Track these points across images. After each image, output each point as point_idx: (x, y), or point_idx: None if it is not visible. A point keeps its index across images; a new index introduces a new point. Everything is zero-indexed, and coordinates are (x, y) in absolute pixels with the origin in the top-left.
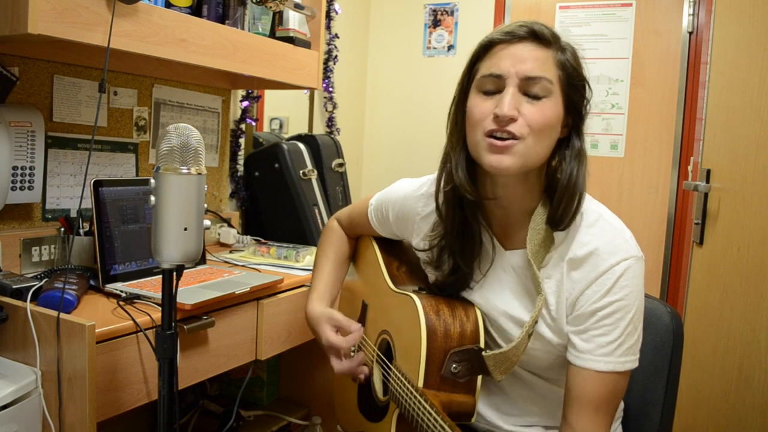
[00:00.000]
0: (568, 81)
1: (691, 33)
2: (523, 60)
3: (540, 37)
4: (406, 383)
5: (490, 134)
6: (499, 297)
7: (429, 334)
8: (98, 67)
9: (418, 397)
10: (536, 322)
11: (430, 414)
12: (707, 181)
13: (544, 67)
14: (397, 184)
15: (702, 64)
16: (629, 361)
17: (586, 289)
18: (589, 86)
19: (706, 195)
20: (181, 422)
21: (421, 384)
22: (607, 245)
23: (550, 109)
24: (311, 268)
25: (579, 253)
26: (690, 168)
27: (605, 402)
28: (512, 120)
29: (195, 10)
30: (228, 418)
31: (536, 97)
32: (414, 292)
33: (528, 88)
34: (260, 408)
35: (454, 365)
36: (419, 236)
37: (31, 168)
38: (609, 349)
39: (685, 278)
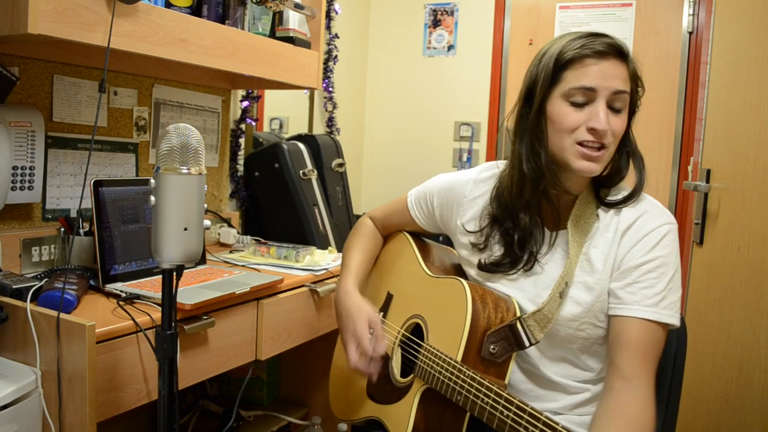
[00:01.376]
0: (635, 90)
1: (691, 33)
2: (612, 76)
3: (622, 54)
4: (442, 356)
5: (582, 143)
6: (546, 274)
7: (473, 313)
8: (98, 67)
9: (457, 365)
10: (566, 283)
11: (473, 379)
12: (707, 181)
13: (626, 82)
14: (437, 177)
15: (702, 64)
16: (672, 316)
17: (633, 246)
18: (643, 86)
19: (706, 195)
20: (181, 422)
21: (459, 359)
22: (652, 210)
23: (626, 118)
24: (311, 268)
25: (628, 221)
26: (690, 168)
27: (651, 349)
28: (605, 132)
29: (195, 10)
30: (228, 418)
31: (619, 110)
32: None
33: (613, 101)
34: (260, 408)
35: (492, 346)
36: (465, 218)
37: (31, 168)
38: (654, 300)
39: (685, 278)
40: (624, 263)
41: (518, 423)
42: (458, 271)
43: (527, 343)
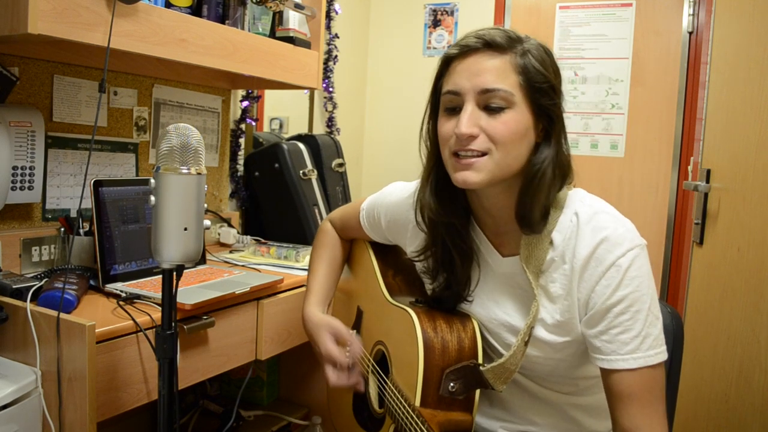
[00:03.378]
0: (530, 85)
1: (691, 33)
2: (478, 73)
3: (493, 45)
4: (402, 401)
5: (456, 153)
6: (500, 306)
7: (426, 351)
8: (98, 67)
9: (415, 417)
10: (532, 328)
11: None
12: (707, 181)
13: (501, 77)
14: (390, 187)
15: (702, 64)
16: (658, 354)
17: (595, 285)
18: (556, 88)
19: (706, 195)
20: (181, 422)
21: (418, 403)
22: (609, 237)
23: (514, 120)
24: None
25: (584, 253)
26: (690, 168)
27: (646, 393)
28: (472, 137)
29: (195, 10)
30: (228, 418)
31: (497, 110)
32: (411, 304)
33: (487, 101)
34: (260, 408)
35: (451, 384)
36: (413, 245)
37: (31, 168)
38: (634, 345)
39: (685, 278)
40: (590, 305)
41: None
42: (419, 287)
43: (490, 387)
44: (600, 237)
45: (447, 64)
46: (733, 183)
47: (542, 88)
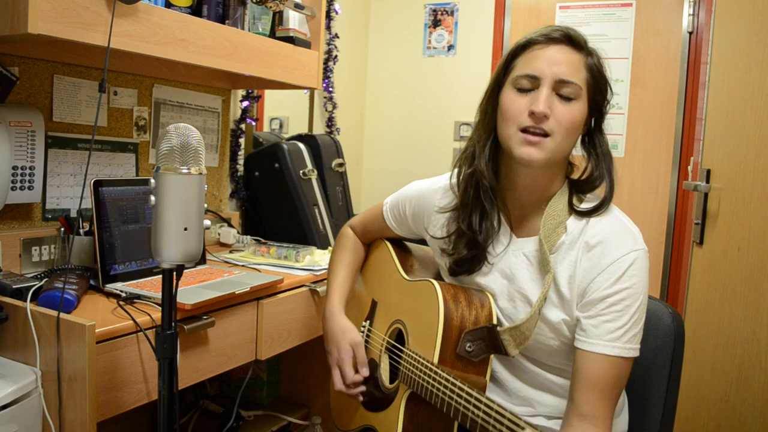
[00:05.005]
0: (594, 83)
1: (691, 33)
2: (557, 62)
3: (574, 41)
4: (420, 359)
5: (524, 129)
6: (512, 281)
7: (446, 312)
8: (98, 67)
9: (433, 368)
10: (546, 298)
11: (446, 380)
12: (707, 181)
13: (575, 71)
14: (411, 185)
15: (702, 64)
16: (633, 349)
17: (597, 276)
18: (611, 88)
19: (706, 195)
20: (181, 422)
21: (436, 361)
22: (617, 235)
23: (578, 110)
24: (311, 268)
25: (592, 241)
26: (690, 168)
27: (610, 386)
28: (546, 117)
29: (195, 10)
30: (228, 418)
31: (567, 99)
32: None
33: (560, 89)
34: (260, 408)
35: (468, 344)
36: (435, 226)
37: (31, 168)
38: (617, 334)
39: (685, 278)
40: (588, 293)
41: (486, 422)
42: (436, 272)
43: (504, 351)
44: (608, 232)
45: (525, 47)
46: (733, 183)
47: (600, 87)
